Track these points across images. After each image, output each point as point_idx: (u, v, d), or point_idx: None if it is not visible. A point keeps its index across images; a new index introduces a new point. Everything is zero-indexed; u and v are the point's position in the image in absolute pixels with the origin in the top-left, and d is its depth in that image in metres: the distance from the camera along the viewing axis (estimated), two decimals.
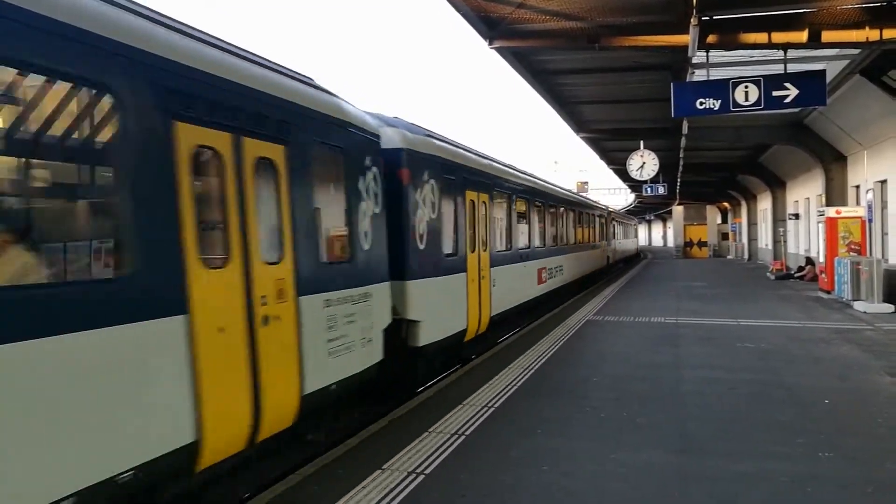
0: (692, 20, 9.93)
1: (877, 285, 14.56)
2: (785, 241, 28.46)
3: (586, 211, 24.43)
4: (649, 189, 32.04)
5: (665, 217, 77.62)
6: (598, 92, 18.71)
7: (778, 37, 11.40)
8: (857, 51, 12.78)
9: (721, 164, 32.37)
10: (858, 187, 19.43)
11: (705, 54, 11.91)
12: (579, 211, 22.44)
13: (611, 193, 60.90)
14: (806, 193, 26.01)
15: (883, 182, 17.40)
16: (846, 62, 14.06)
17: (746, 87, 11.68)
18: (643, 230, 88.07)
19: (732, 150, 27.95)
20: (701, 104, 11.86)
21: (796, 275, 23.81)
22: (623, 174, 34.07)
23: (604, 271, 28.69)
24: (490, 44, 12.32)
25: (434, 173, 8.88)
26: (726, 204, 48.88)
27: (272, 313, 5.06)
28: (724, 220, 51.14)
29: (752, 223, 40.27)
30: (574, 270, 20.49)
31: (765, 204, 35.02)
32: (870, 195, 17.90)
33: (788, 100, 11.58)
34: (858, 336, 11.23)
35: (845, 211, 17.90)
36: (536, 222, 15.37)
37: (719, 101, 11.79)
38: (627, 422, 6.50)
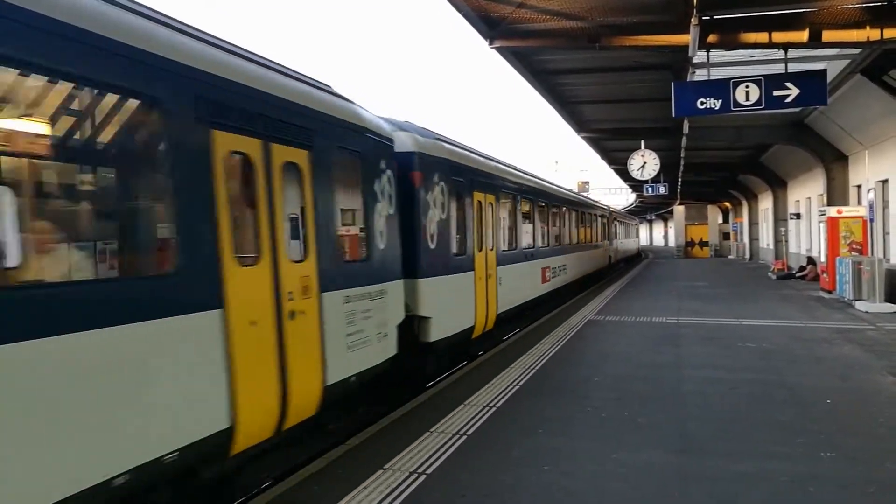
0: (693, 20, 9.92)
1: (878, 285, 14.56)
2: (786, 241, 28.44)
3: (588, 211, 24.62)
4: (650, 189, 32.04)
5: (666, 217, 77.59)
6: (599, 92, 18.70)
7: (778, 36, 11.39)
8: (858, 50, 12.78)
9: (722, 164, 32.34)
10: (860, 187, 19.41)
11: (706, 54, 11.92)
12: (581, 211, 22.66)
13: (612, 193, 60.92)
14: (807, 193, 25.99)
15: (884, 182, 17.38)
16: (847, 62, 14.06)
17: (747, 87, 11.68)
18: (644, 230, 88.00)
19: (733, 150, 27.93)
20: (702, 104, 11.86)
21: (798, 274, 23.80)
22: (624, 174, 34.07)
23: (606, 271, 28.80)
24: (490, 44, 12.32)
25: (444, 175, 9.11)
26: (727, 204, 48.85)
27: (298, 308, 5.35)
28: (726, 220, 51.10)
29: (754, 223, 40.25)
30: (577, 270, 20.63)
31: (766, 203, 35.00)
32: (871, 195, 17.89)
33: (789, 99, 11.58)
34: (860, 336, 11.22)
35: (847, 210, 17.87)
36: (540, 222, 15.57)
37: (720, 101, 11.79)
38: (628, 422, 6.50)
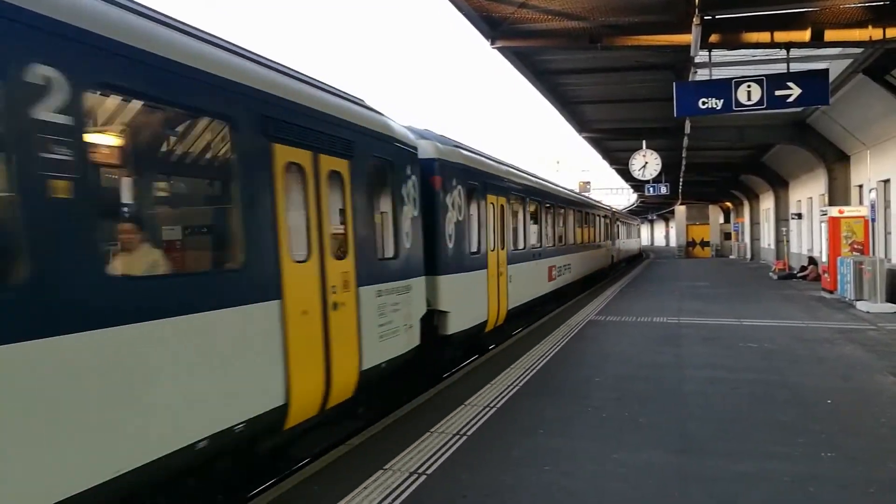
0: (694, 20, 9.91)
1: (880, 285, 14.54)
2: (788, 241, 28.39)
3: (592, 212, 24.91)
4: (652, 189, 32.04)
5: (667, 217, 77.52)
6: (601, 92, 18.69)
7: (780, 36, 11.38)
8: (860, 50, 12.75)
9: (723, 164, 32.29)
10: (861, 187, 19.37)
11: (708, 54, 11.90)
12: (585, 212, 22.97)
13: (613, 193, 60.94)
14: (809, 193, 25.96)
15: (886, 181, 17.36)
16: (849, 61, 14.02)
17: (749, 87, 11.67)
18: (645, 230, 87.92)
19: (735, 150, 27.89)
20: (703, 104, 11.86)
21: (799, 274, 23.77)
22: (625, 174, 34.05)
23: (608, 270, 28.94)
24: (492, 44, 12.32)
25: (461, 180, 9.73)
26: (729, 204, 48.79)
27: (339, 300, 5.99)
28: (727, 220, 51.01)
29: (755, 223, 40.18)
30: (581, 269, 20.99)
31: (767, 203, 34.95)
32: (873, 195, 17.84)
33: (791, 99, 11.56)
34: (861, 336, 11.21)
35: (848, 210, 17.86)
36: (547, 223, 16.08)
37: (722, 101, 11.78)
38: (629, 422, 6.50)
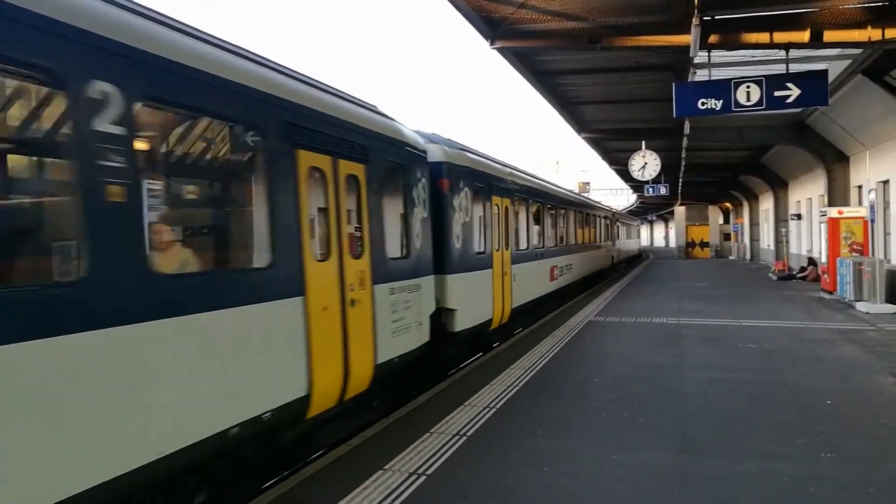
0: (694, 20, 9.91)
1: (879, 286, 14.54)
2: (787, 242, 28.40)
3: (592, 213, 25.14)
4: (651, 189, 32.07)
5: (667, 217, 77.53)
6: (600, 92, 18.70)
7: (780, 37, 11.39)
8: (860, 51, 12.77)
9: (723, 165, 32.32)
10: (861, 187, 19.39)
11: (707, 54, 11.91)
12: (586, 213, 23.22)
13: (612, 194, 60.91)
14: (808, 194, 25.97)
15: (885, 182, 17.37)
16: (848, 62, 14.04)
17: (748, 87, 11.68)
18: (645, 231, 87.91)
19: (734, 151, 27.91)
20: (703, 104, 11.87)
21: (798, 275, 23.77)
22: (625, 174, 34.07)
23: (608, 271, 29.03)
24: (492, 44, 12.33)
25: (467, 182, 10.03)
26: (728, 204, 48.80)
27: (356, 297, 6.26)
28: (726, 221, 51.04)
29: (755, 223, 40.20)
30: (582, 269, 21.21)
31: (767, 204, 34.96)
32: (872, 195, 17.87)
33: (790, 100, 11.58)
34: (861, 337, 11.21)
35: (847, 211, 17.86)
36: (549, 224, 16.30)
37: (721, 101, 11.80)
38: (628, 422, 6.50)
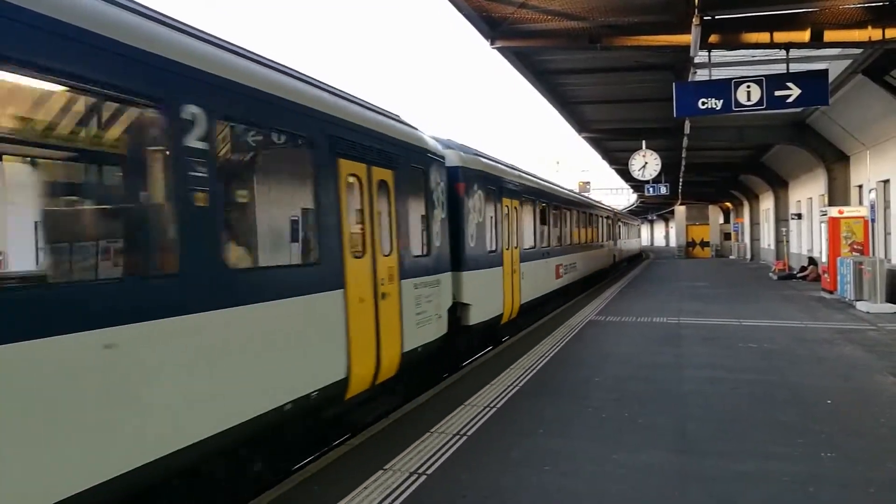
0: (694, 20, 9.91)
1: (879, 285, 14.54)
2: (787, 241, 28.40)
3: (595, 213, 25.52)
4: (651, 189, 32.05)
5: (667, 217, 77.54)
6: (600, 92, 18.69)
7: (780, 36, 11.39)
8: (860, 50, 12.76)
9: (723, 164, 32.31)
10: (861, 187, 19.38)
11: (707, 54, 11.90)
12: (589, 213, 23.63)
13: (613, 193, 60.96)
14: (808, 193, 25.96)
15: (886, 182, 17.37)
16: (848, 62, 14.03)
17: (749, 87, 11.68)
18: (645, 230, 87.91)
19: (734, 150, 27.91)
20: (703, 104, 11.87)
21: (799, 275, 23.77)
22: (625, 174, 34.06)
23: (610, 269, 29.22)
24: (492, 44, 12.32)
25: (481, 185, 10.72)
26: (728, 204, 48.80)
27: (386, 291, 6.97)
28: (727, 220, 51.03)
29: (755, 223, 40.19)
30: (585, 267, 21.64)
31: (767, 204, 34.96)
32: (872, 195, 17.86)
33: (791, 99, 11.57)
34: (861, 336, 11.21)
35: (848, 211, 17.86)
36: (554, 224, 16.82)
37: (721, 101, 11.80)
38: (628, 422, 6.50)
